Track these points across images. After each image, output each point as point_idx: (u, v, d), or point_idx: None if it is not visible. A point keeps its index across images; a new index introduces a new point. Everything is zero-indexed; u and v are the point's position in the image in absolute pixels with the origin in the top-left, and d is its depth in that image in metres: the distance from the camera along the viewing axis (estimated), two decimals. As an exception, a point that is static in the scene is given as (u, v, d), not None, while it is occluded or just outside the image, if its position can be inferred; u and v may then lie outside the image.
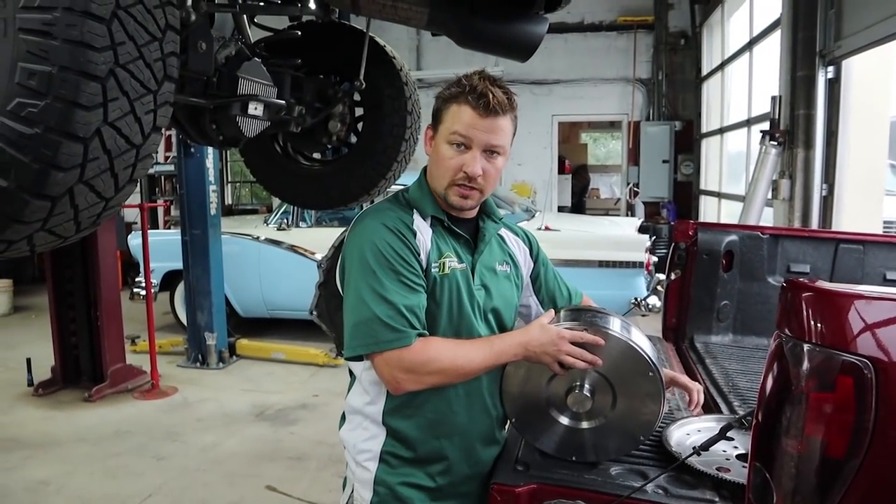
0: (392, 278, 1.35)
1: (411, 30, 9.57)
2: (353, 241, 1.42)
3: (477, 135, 1.38)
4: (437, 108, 1.45)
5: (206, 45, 2.05)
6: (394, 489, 1.44)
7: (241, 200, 13.12)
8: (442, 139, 1.42)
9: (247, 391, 5.00)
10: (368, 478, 1.45)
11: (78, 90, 1.22)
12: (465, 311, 1.45)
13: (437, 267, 1.42)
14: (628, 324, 1.44)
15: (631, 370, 1.38)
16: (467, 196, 1.43)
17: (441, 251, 1.44)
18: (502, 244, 1.61)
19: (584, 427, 1.44)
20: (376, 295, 1.34)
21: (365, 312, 1.34)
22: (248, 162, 3.30)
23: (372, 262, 1.36)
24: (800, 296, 1.11)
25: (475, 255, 1.50)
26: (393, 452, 1.45)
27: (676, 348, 2.59)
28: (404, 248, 1.38)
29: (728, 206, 8.04)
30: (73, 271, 4.96)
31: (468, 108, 1.38)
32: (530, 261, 1.67)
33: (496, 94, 1.37)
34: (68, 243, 1.49)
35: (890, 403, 1.02)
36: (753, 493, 1.19)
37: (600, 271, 5.36)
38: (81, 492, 3.45)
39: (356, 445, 1.48)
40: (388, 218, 1.42)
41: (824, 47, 5.02)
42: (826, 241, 2.64)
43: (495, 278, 1.54)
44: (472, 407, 1.48)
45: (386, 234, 1.38)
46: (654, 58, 9.89)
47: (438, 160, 1.43)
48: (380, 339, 1.33)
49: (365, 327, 1.34)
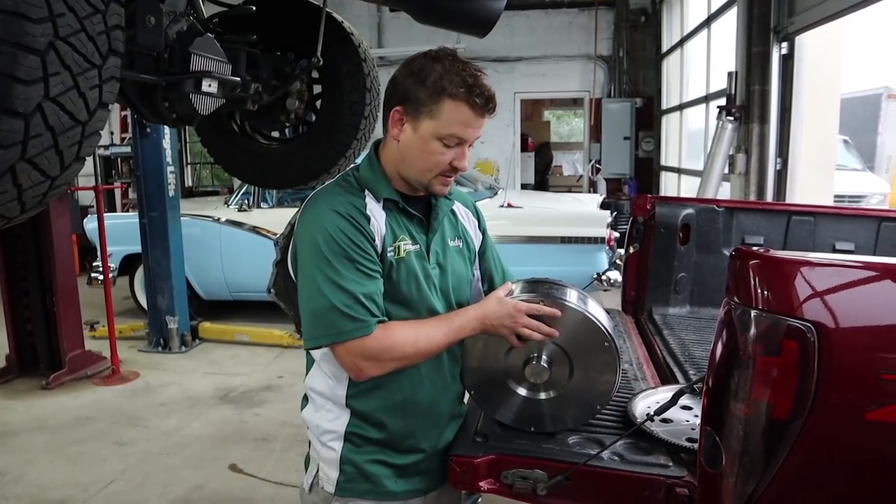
0: (347, 266, 1.32)
1: (372, 6, 9.45)
2: (305, 228, 1.39)
3: (471, 133, 1.38)
4: (419, 95, 1.35)
5: (156, 19, 1.99)
6: (360, 467, 1.43)
7: (201, 182, 12.87)
8: (431, 134, 1.36)
9: (210, 374, 4.95)
10: (334, 457, 1.44)
11: (15, 63, 1.17)
12: (424, 292, 1.44)
13: (392, 251, 1.40)
14: (584, 295, 1.46)
15: (587, 341, 1.41)
16: (448, 184, 1.44)
17: (395, 234, 1.42)
18: (454, 219, 1.60)
19: (541, 398, 1.46)
20: (332, 284, 1.31)
21: (322, 302, 1.32)
22: (205, 141, 3.23)
23: (325, 250, 1.33)
24: (747, 263, 1.14)
25: (429, 235, 1.49)
26: (357, 433, 1.44)
27: (635, 321, 2.64)
28: (358, 234, 1.35)
29: (688, 182, 8.17)
30: (26, 256, 4.81)
31: (467, 108, 1.34)
32: (479, 233, 1.67)
33: (494, 93, 1.37)
34: (14, 224, 1.44)
35: (831, 367, 1.06)
36: (704, 456, 1.23)
37: (563, 247, 5.42)
38: (41, 480, 3.39)
39: (320, 426, 1.46)
40: (340, 203, 1.38)
41: (778, 23, 5.11)
42: (779, 214, 2.71)
43: (450, 254, 1.53)
44: (434, 384, 1.48)
45: (338, 221, 1.34)
46: (615, 35, 9.95)
47: (423, 153, 1.38)
48: (339, 329, 1.31)
49: (324, 318, 1.32)
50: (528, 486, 1.34)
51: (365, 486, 1.44)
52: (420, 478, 1.49)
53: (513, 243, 5.34)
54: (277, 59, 2.85)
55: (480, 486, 1.40)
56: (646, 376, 1.96)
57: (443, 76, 1.33)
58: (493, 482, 1.39)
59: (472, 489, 1.43)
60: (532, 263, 5.36)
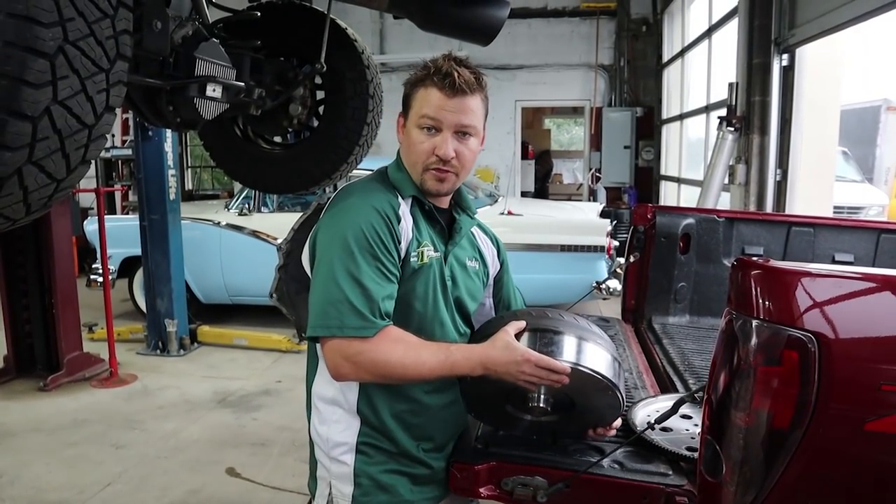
0: (371, 264, 1.31)
1: (374, 13, 9.50)
2: (337, 218, 1.37)
3: (446, 116, 1.36)
4: (406, 95, 1.43)
5: (162, 23, 2.00)
6: (376, 478, 1.40)
7: (202, 185, 12.90)
8: (412, 124, 1.40)
9: (208, 378, 4.94)
10: (347, 471, 1.40)
11: (24, 67, 1.18)
12: (438, 300, 1.44)
13: (415, 256, 1.40)
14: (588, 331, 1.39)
15: (592, 388, 1.36)
16: (443, 179, 1.41)
17: (420, 240, 1.41)
18: (473, 240, 1.60)
19: (544, 421, 1.45)
20: (351, 278, 1.30)
21: (336, 294, 1.29)
22: (208, 145, 3.24)
23: (353, 244, 1.31)
24: (749, 273, 1.15)
25: (449, 246, 1.48)
26: (369, 443, 1.41)
27: (635, 329, 2.65)
28: (388, 234, 1.34)
29: (687, 192, 8.19)
30: (26, 258, 4.81)
31: (435, 90, 1.36)
32: (497, 263, 1.67)
33: (462, 73, 1.36)
34: (18, 226, 1.44)
35: (831, 377, 1.07)
36: (705, 465, 1.24)
37: (562, 255, 5.43)
38: (37, 482, 3.38)
39: (330, 439, 1.42)
40: (378, 200, 1.37)
41: (779, 35, 5.14)
42: (779, 224, 2.72)
43: (465, 273, 1.52)
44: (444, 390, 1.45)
45: (374, 217, 1.34)
46: (616, 44, 9.99)
47: (410, 145, 1.41)
48: (345, 323, 1.29)
49: (334, 309, 1.29)
50: (529, 493, 1.35)
51: (382, 497, 1.40)
52: (433, 486, 1.47)
53: (513, 251, 5.29)
54: (281, 65, 2.86)
55: (481, 493, 1.40)
56: (645, 385, 1.96)
57: (418, 72, 1.41)
58: (494, 489, 1.39)
59: (473, 495, 1.43)
60: (532, 271, 5.37)
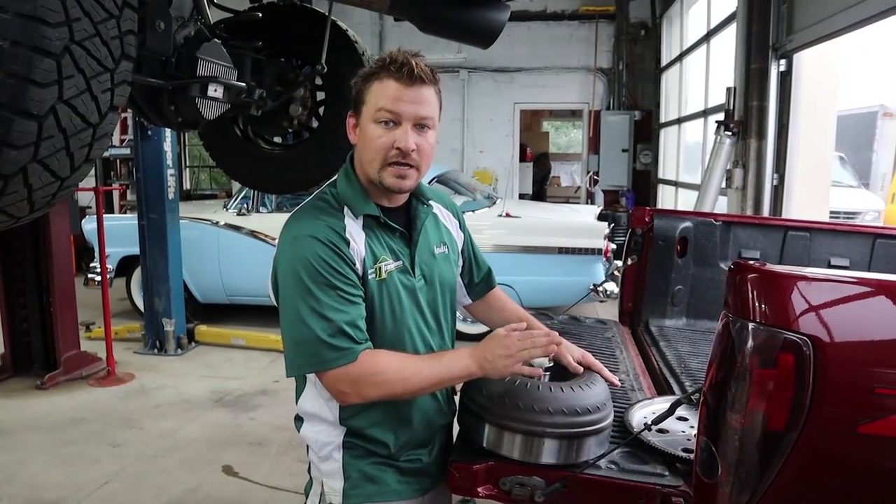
0: (329, 294, 1.31)
1: (374, 14, 9.50)
2: (284, 255, 1.36)
3: (405, 107, 1.34)
4: (357, 91, 1.39)
5: (165, 24, 2.02)
6: (364, 470, 1.43)
7: (200, 185, 12.89)
8: (368, 119, 1.36)
9: (206, 377, 4.95)
10: (336, 467, 1.43)
11: (31, 66, 1.19)
12: (405, 311, 1.44)
13: (373, 273, 1.38)
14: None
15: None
16: (404, 175, 1.38)
17: (376, 256, 1.39)
18: (437, 223, 1.58)
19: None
20: (314, 313, 1.30)
21: (303, 332, 1.30)
22: (208, 145, 3.26)
23: (306, 279, 1.30)
24: (745, 277, 1.16)
25: (412, 248, 1.47)
26: (355, 443, 1.44)
27: (632, 331, 2.66)
28: (339, 260, 1.33)
29: (685, 195, 8.22)
30: (24, 256, 4.82)
31: (391, 81, 1.33)
32: (461, 232, 1.66)
33: (418, 62, 1.34)
34: (21, 224, 1.46)
35: (826, 380, 1.08)
36: (700, 466, 1.25)
37: (560, 258, 5.44)
38: (34, 479, 3.38)
39: (318, 440, 1.46)
40: (318, 228, 1.35)
41: (777, 41, 5.16)
42: (775, 228, 2.73)
43: (435, 263, 1.51)
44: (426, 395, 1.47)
45: (318, 248, 1.32)
46: (614, 48, 10.02)
47: (367, 142, 1.37)
48: (322, 358, 1.30)
49: (307, 347, 1.31)
50: (526, 493, 1.35)
51: (371, 488, 1.44)
52: (419, 478, 1.50)
53: (510, 253, 5.37)
54: (282, 66, 2.87)
55: (479, 492, 1.41)
56: (642, 387, 1.98)
57: (370, 67, 1.38)
58: (492, 488, 1.40)
59: (471, 495, 1.44)
60: (530, 273, 5.39)
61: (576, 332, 2.38)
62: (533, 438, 1.35)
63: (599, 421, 1.38)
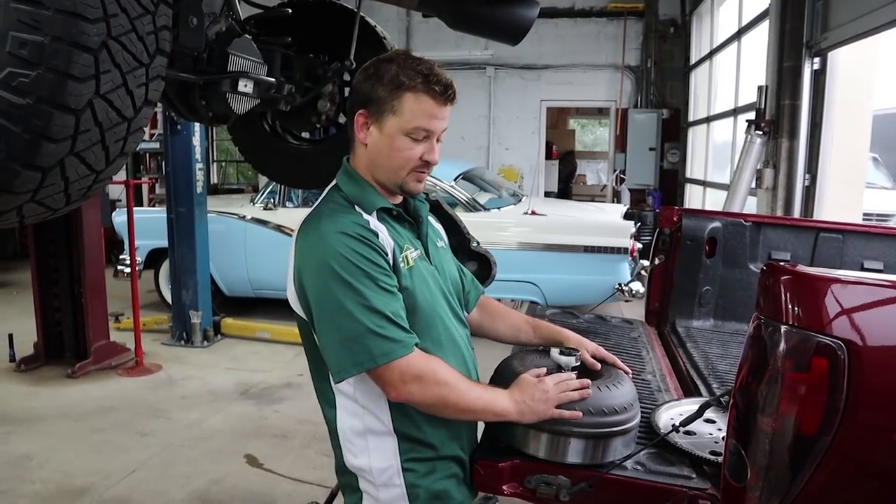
0: (370, 286, 1.28)
1: (401, 10, 9.52)
2: (313, 256, 1.32)
3: (438, 125, 1.37)
4: (379, 96, 1.35)
5: (198, 20, 2.03)
6: (430, 489, 1.40)
7: (227, 179, 13.04)
8: (397, 130, 1.35)
9: (231, 370, 5.01)
10: (400, 492, 1.39)
11: (70, 61, 1.21)
12: (435, 296, 1.45)
13: (402, 262, 1.38)
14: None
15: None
16: (422, 180, 1.44)
17: (400, 245, 1.40)
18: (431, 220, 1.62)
19: None
20: (360, 306, 1.26)
21: (353, 328, 1.26)
22: (237, 140, 3.29)
23: (343, 274, 1.27)
24: (778, 279, 1.14)
25: (423, 238, 1.50)
26: (413, 457, 1.40)
27: (659, 332, 2.64)
28: (372, 251, 1.31)
29: (713, 195, 8.11)
30: (57, 247, 4.93)
31: (428, 98, 1.33)
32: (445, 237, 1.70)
33: (452, 82, 1.36)
34: (57, 216, 1.49)
35: (860, 384, 1.06)
36: (729, 469, 1.23)
37: (585, 256, 5.41)
38: (66, 466, 3.46)
39: (373, 468, 1.39)
40: (344, 224, 1.33)
41: (811, 38, 5.07)
42: (807, 230, 2.68)
43: (442, 254, 1.56)
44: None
45: (349, 241, 1.30)
46: (643, 45, 9.92)
47: (394, 152, 1.37)
48: (379, 351, 1.26)
49: (357, 344, 1.26)
50: (552, 492, 1.35)
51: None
52: (468, 486, 1.48)
53: (535, 251, 5.35)
54: (311, 62, 2.89)
55: (504, 490, 1.41)
56: (669, 388, 1.96)
57: (399, 72, 1.34)
58: (517, 486, 1.40)
59: (496, 493, 1.44)
60: (554, 272, 5.37)
61: (602, 332, 2.37)
62: (559, 438, 1.35)
63: (626, 421, 1.37)
